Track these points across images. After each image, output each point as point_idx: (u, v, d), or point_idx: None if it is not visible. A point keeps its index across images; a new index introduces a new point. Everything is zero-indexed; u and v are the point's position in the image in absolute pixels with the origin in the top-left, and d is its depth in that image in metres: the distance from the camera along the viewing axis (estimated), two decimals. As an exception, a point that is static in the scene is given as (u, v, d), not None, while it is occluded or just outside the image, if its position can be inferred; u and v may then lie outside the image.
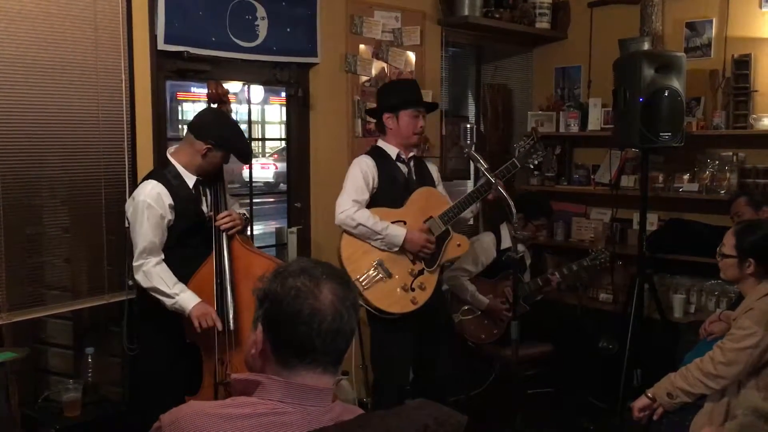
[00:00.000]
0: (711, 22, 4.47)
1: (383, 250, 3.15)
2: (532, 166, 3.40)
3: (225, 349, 2.78)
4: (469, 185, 5.35)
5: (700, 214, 4.45)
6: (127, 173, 3.18)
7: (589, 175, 5.07)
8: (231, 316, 2.77)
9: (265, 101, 17.98)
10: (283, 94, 4.17)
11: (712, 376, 2.48)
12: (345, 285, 1.39)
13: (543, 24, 5.08)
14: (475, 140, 3.14)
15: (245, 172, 14.56)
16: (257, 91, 11.14)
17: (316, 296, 1.35)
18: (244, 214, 3.00)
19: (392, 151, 3.28)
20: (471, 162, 4.40)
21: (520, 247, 4.05)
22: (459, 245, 3.31)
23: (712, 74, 4.39)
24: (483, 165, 3.07)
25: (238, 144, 2.88)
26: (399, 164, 3.29)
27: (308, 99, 4.05)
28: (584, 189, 5.04)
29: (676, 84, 3.90)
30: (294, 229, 4.09)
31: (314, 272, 1.38)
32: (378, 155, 3.27)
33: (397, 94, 3.28)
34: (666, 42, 4.62)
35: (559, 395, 4.38)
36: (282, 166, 14.15)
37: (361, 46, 4.21)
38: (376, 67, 4.29)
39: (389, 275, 3.14)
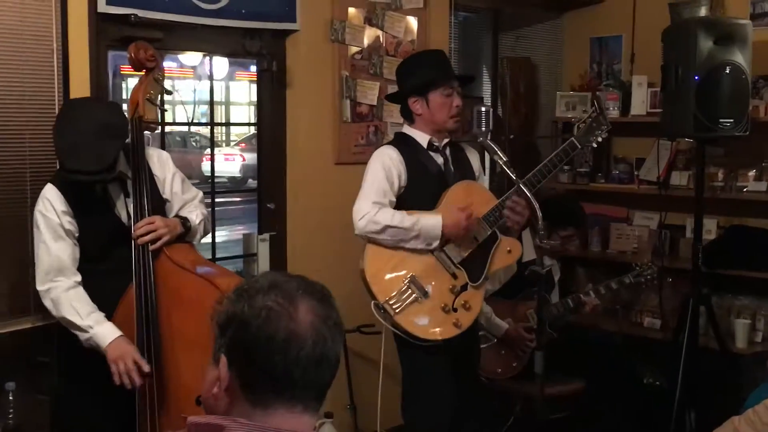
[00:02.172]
0: (783, -18, 4.51)
1: (420, 253, 3.15)
2: (595, 145, 3.41)
3: (149, 407, 2.68)
4: (485, 182, 5.37)
5: (768, 219, 4.49)
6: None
7: (632, 170, 5.09)
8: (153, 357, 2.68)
9: (230, 77, 18.02)
10: (253, 68, 4.18)
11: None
12: (326, 301, 1.40)
13: (576, -17, 5.14)
14: (491, 127, 3.15)
15: (205, 165, 14.64)
16: (221, 64, 11.11)
17: (293, 317, 1.35)
18: (185, 219, 2.90)
19: (423, 138, 3.29)
20: (486, 154, 4.41)
21: (547, 260, 4.05)
22: (510, 251, 3.32)
23: (784, 47, 4.42)
24: (501, 158, 3.07)
25: (63, 160, 2.69)
26: (432, 154, 3.30)
27: (284, 74, 4.06)
28: (626, 188, 5.06)
29: (740, 59, 3.91)
30: (266, 235, 4.09)
31: (288, 287, 1.38)
32: (405, 145, 3.28)
33: (422, 70, 3.29)
34: (727, 7, 4.65)
35: (593, 443, 4.39)
36: (251, 157, 14.16)
37: (351, 10, 4.22)
38: (369, 35, 4.30)
39: (425, 294, 3.15)
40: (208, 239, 3.91)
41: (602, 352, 4.43)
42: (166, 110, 3.33)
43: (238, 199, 11.24)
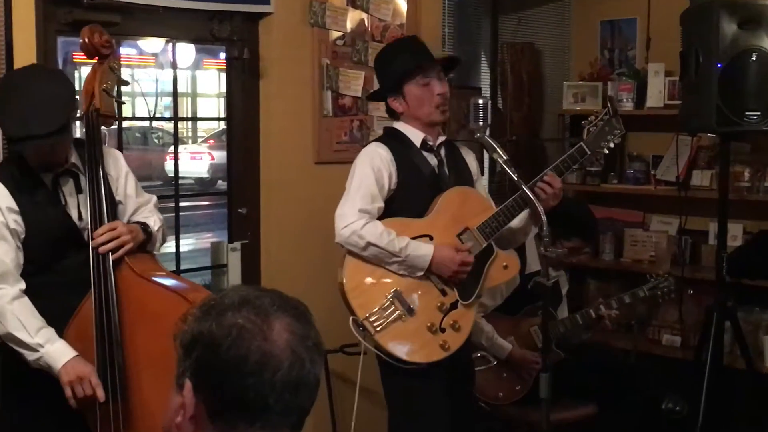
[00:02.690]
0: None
1: (402, 276, 3.15)
2: (607, 151, 3.42)
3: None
4: (482, 181, 5.36)
5: (800, 224, 4.51)
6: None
7: (648, 169, 5.10)
8: (116, 380, 2.66)
9: (197, 65, 17.97)
10: (223, 55, 4.17)
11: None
12: (303, 318, 1.40)
13: (584, -40, 5.16)
14: (490, 121, 3.15)
15: (168, 165, 14.56)
16: (186, 51, 11.10)
17: (266, 336, 1.35)
18: (146, 225, 2.89)
19: (416, 136, 3.28)
20: (485, 152, 4.42)
21: (553, 271, 4.06)
22: (506, 267, 3.32)
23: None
24: (501, 156, 3.08)
25: (10, 132, 2.73)
26: (425, 154, 3.29)
27: (257, 63, 4.05)
28: (641, 189, 5.07)
29: (768, 44, 3.93)
30: (237, 244, 4.08)
31: (261, 303, 1.38)
32: (396, 142, 3.27)
33: (393, 64, 3.29)
34: (753, -14, 4.68)
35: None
36: (221, 155, 14.12)
37: (332, -10, 4.23)
38: (353, 18, 4.30)
39: (410, 311, 3.14)
40: (171, 248, 3.90)
41: (615, 373, 4.42)
42: (124, 103, 3.32)
43: (206, 203, 11.21)
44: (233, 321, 1.36)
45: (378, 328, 3.09)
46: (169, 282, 2.78)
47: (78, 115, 2.96)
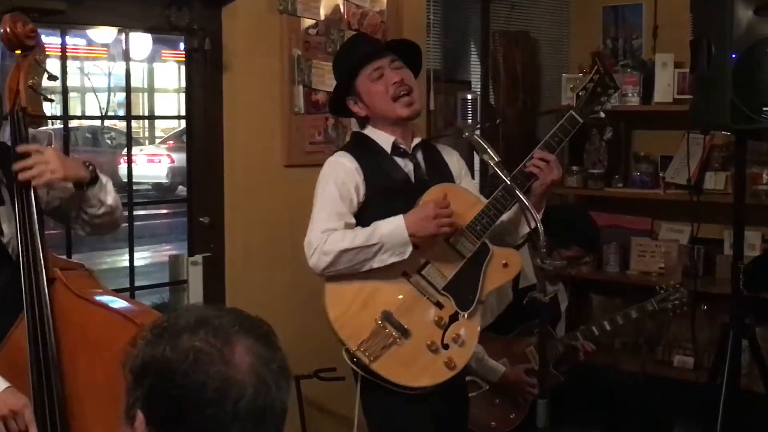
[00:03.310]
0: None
1: (393, 281, 3.12)
2: (603, 114, 3.37)
3: None
4: (473, 186, 5.38)
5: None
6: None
7: (657, 171, 5.13)
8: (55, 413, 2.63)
9: (154, 57, 17.94)
10: (182, 46, 4.17)
11: None
12: (267, 340, 1.40)
13: (584, -61, 5.19)
14: (480, 118, 3.16)
15: (122, 168, 14.52)
16: (142, 41, 11.04)
17: (227, 360, 1.36)
18: (92, 165, 2.78)
19: (385, 140, 3.26)
20: (475, 152, 4.43)
21: (551, 285, 4.08)
22: (506, 265, 3.28)
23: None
24: (493, 157, 3.08)
25: None
26: (398, 160, 3.28)
27: (220, 54, 4.05)
28: (649, 193, 5.09)
29: (787, 32, 3.96)
30: (198, 257, 4.08)
31: (220, 324, 1.39)
32: (363, 149, 3.26)
33: (342, 62, 3.30)
34: (771, -32, 4.72)
35: None
36: (181, 158, 14.04)
37: (304, -27, 4.24)
38: (327, 5, 4.31)
39: (405, 333, 3.13)
40: (124, 262, 3.88)
41: (622, 397, 4.45)
42: (52, 100, 3.28)
43: (165, 211, 11.19)
44: (189, 344, 1.36)
45: (373, 357, 3.08)
46: (113, 303, 2.72)
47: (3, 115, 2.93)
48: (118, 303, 2.74)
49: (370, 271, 3.11)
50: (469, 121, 3.18)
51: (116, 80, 11.89)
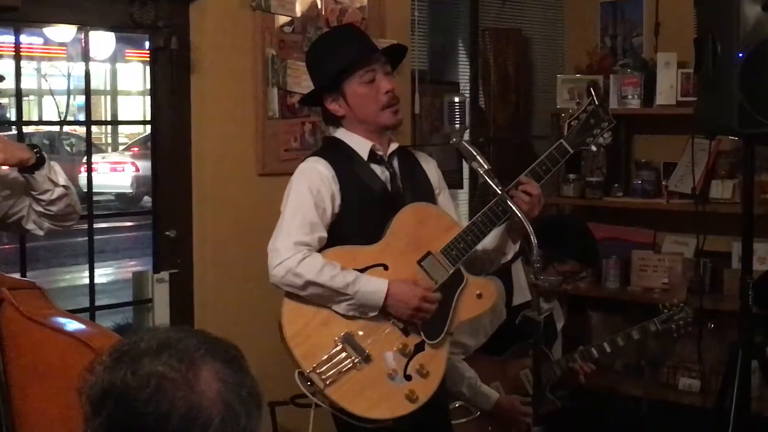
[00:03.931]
0: None
1: (351, 317, 3.13)
2: (594, 148, 3.40)
3: None
4: (461, 195, 5.38)
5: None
6: None
7: (659, 179, 5.14)
8: None
9: (116, 57, 17.91)
10: (148, 45, 4.16)
11: None
12: (236, 364, 1.40)
13: (580, -70, 5.21)
14: (468, 123, 3.16)
15: (82, 178, 14.46)
16: (103, 40, 11.01)
17: (192, 386, 1.35)
18: (37, 147, 2.79)
19: (361, 146, 3.26)
20: (464, 159, 4.43)
21: (546, 303, 4.08)
22: (479, 296, 3.29)
23: None
24: (482, 165, 3.09)
25: None
26: (374, 167, 3.29)
27: (188, 54, 4.05)
28: (651, 203, 5.10)
29: (798, 30, 3.98)
30: (165, 274, 4.07)
31: (184, 347, 1.38)
32: (338, 155, 3.26)
33: (330, 57, 3.27)
34: (780, -39, 4.74)
35: None
36: (146, 166, 14.01)
37: (278, -34, 4.25)
38: (304, 1, 4.32)
39: (366, 359, 3.11)
40: (84, 279, 3.87)
41: (624, 424, 4.46)
42: (2, 104, 3.27)
43: (129, 223, 11.14)
44: (152, 369, 1.35)
45: (328, 382, 3.06)
46: (67, 325, 2.70)
47: None
48: (73, 325, 2.71)
49: None
50: (457, 125, 3.17)
51: (76, 82, 11.85)
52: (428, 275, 3.19)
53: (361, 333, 3.14)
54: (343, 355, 3.10)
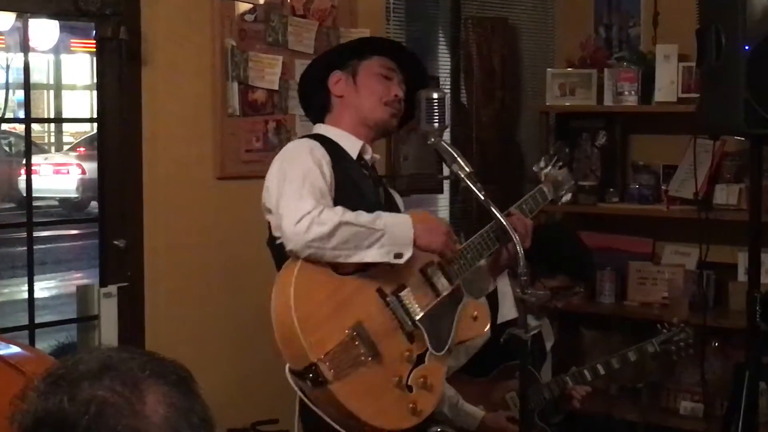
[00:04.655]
0: None
1: (367, 293, 3.11)
2: (563, 200, 3.63)
3: None
4: (441, 201, 5.37)
5: None
6: None
7: (659, 184, 5.16)
8: None
9: (60, 48, 17.88)
10: (94, 34, 4.14)
11: None
12: (185, 387, 1.40)
13: None
14: (448, 121, 3.16)
15: (21, 181, 14.45)
16: (45, 29, 10.96)
17: (137, 411, 1.34)
18: None
19: (351, 144, 3.29)
20: (443, 162, 4.42)
21: (534, 320, 4.07)
22: (475, 318, 3.34)
23: None
24: (464, 168, 3.09)
25: None
26: (364, 171, 3.32)
27: (139, 45, 4.04)
28: (650, 210, 5.12)
29: (809, 21, 4.00)
30: (112, 288, 4.05)
31: (127, 369, 1.38)
32: (330, 148, 3.26)
33: (361, 39, 3.36)
34: (789, -55, 4.77)
35: None
36: (94, 168, 13.89)
37: (239, -52, 4.25)
38: (267, -14, 4.32)
39: (374, 354, 3.10)
40: (23, 294, 3.84)
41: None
42: None
43: (74, 232, 11.14)
44: (92, 394, 1.34)
45: (337, 374, 3.02)
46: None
47: None
48: (1, 348, 2.70)
49: (346, 276, 3.09)
50: (436, 124, 3.16)
51: (15, 75, 11.81)
52: (432, 286, 3.23)
53: (371, 326, 3.11)
54: (355, 345, 3.06)
